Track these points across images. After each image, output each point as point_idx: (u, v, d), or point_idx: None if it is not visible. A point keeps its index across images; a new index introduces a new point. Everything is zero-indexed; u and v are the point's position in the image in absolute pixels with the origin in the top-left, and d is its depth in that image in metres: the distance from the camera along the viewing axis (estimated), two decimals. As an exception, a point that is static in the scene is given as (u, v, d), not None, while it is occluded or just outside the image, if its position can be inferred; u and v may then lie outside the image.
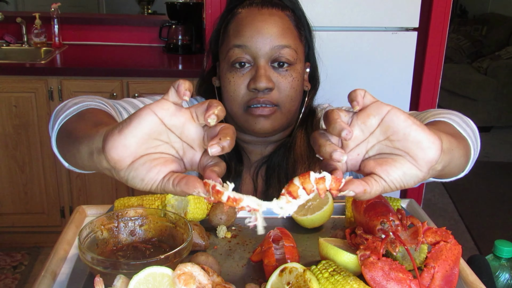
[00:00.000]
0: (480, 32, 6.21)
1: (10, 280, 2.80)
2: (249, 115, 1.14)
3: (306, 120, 1.27)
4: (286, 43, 1.12)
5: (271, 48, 1.11)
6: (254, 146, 1.26)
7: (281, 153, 1.23)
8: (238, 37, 1.13)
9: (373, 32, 2.61)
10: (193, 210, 0.99)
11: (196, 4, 3.33)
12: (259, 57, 1.12)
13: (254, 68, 1.12)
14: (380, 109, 0.64)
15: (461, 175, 0.84)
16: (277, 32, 1.12)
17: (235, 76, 1.14)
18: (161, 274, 0.72)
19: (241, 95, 1.14)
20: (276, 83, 1.13)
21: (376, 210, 0.84)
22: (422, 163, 0.63)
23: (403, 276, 0.74)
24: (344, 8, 2.54)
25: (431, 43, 2.78)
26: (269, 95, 1.12)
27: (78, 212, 1.09)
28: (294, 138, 1.23)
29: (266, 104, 1.12)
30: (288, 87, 1.13)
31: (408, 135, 0.63)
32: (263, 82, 1.10)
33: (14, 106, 2.82)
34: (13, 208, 3.01)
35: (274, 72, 1.13)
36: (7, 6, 5.66)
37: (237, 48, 1.13)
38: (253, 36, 1.11)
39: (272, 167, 1.23)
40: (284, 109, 1.15)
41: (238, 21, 1.15)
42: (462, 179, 0.88)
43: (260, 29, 1.12)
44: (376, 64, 2.65)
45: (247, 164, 1.27)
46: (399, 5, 2.56)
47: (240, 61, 1.12)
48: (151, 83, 2.87)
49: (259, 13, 1.14)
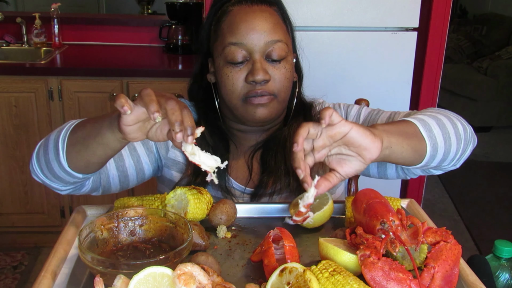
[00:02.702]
0: (480, 32, 6.21)
1: (10, 280, 2.80)
2: (249, 105, 1.20)
3: (302, 112, 1.33)
4: (278, 38, 1.19)
5: (265, 43, 1.18)
6: (249, 134, 1.31)
7: (277, 140, 1.29)
8: (233, 34, 1.18)
9: (373, 32, 2.62)
10: (193, 210, 0.99)
11: (196, 4, 3.33)
12: (255, 52, 1.18)
13: (250, 62, 1.19)
14: (344, 127, 0.87)
15: (419, 165, 1.05)
16: (269, 27, 1.18)
17: (232, 71, 1.19)
18: (161, 274, 0.72)
19: (240, 88, 1.19)
20: (272, 75, 1.19)
21: (376, 210, 0.84)
22: (367, 160, 0.90)
23: (403, 276, 0.74)
24: (344, 8, 2.54)
25: (431, 43, 2.78)
26: (266, 86, 1.18)
27: (78, 212, 1.09)
28: (290, 128, 1.29)
29: (263, 94, 1.18)
30: (282, 78, 1.20)
31: (360, 144, 0.88)
32: (261, 75, 1.16)
33: (14, 106, 2.82)
34: (13, 208, 3.01)
35: (269, 65, 1.19)
36: (7, 6, 5.65)
37: (233, 46, 1.18)
38: (247, 33, 1.17)
39: (268, 152, 1.29)
40: (280, 98, 1.22)
41: (231, 19, 1.20)
42: (462, 179, 0.90)
43: (253, 26, 1.18)
44: (376, 64, 2.65)
45: (241, 151, 1.32)
46: (399, 5, 2.56)
47: (236, 60, 1.18)
48: (151, 83, 2.87)
49: (251, 10, 1.20)
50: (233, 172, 1.30)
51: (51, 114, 2.86)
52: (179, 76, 2.93)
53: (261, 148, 1.31)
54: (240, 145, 1.32)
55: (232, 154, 1.31)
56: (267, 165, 1.27)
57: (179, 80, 2.90)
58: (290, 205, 1.08)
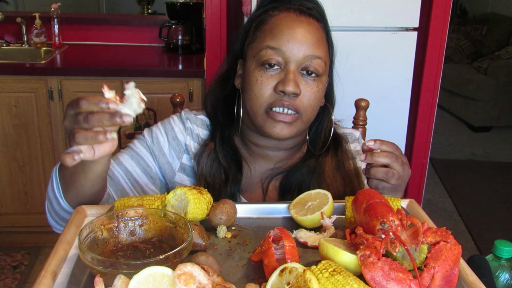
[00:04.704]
0: (480, 32, 6.21)
1: (10, 280, 2.80)
2: (270, 118, 1.14)
3: (333, 144, 1.28)
4: (319, 54, 1.14)
5: (304, 56, 1.13)
6: (267, 151, 1.26)
7: (304, 172, 1.23)
8: (274, 39, 1.13)
9: (373, 32, 2.61)
10: (193, 210, 0.99)
11: (196, 4, 3.33)
12: (291, 62, 1.12)
13: (283, 72, 1.13)
14: None
15: None
16: (313, 41, 1.13)
17: (263, 76, 1.14)
18: (161, 274, 0.72)
19: (266, 95, 1.14)
20: (302, 91, 1.13)
21: (376, 210, 0.84)
22: None
23: (403, 276, 0.74)
24: (344, 8, 2.54)
25: (431, 43, 2.78)
26: (294, 101, 1.13)
27: (78, 212, 1.09)
28: (322, 163, 1.24)
29: (289, 109, 1.13)
30: (312, 97, 1.15)
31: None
32: (291, 86, 1.11)
33: (14, 106, 2.82)
34: (13, 208, 3.01)
35: (302, 79, 1.14)
36: (7, 6, 5.66)
37: (270, 49, 1.13)
38: (289, 40, 1.12)
39: (292, 182, 1.23)
40: (305, 118, 1.17)
41: (275, 23, 1.15)
42: (462, 179, 0.90)
43: (297, 35, 1.12)
44: (376, 64, 2.65)
45: (256, 171, 1.27)
46: (399, 5, 2.56)
47: (271, 62, 1.13)
48: (151, 83, 2.87)
49: (298, 19, 1.15)
50: (246, 193, 1.26)
51: (51, 114, 2.86)
52: (179, 76, 2.93)
53: (281, 174, 1.26)
54: (255, 163, 1.27)
55: (246, 174, 1.26)
56: (286, 195, 1.22)
57: (179, 80, 2.90)
58: (290, 205, 1.08)
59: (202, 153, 1.24)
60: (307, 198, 1.08)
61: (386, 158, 1.06)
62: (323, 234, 0.98)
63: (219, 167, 1.23)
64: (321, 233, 0.99)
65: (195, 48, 3.35)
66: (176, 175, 1.26)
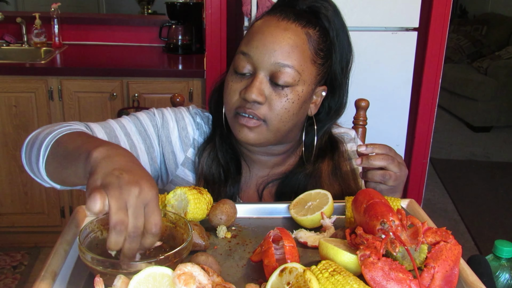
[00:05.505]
0: (480, 32, 6.21)
1: (10, 280, 2.80)
2: (236, 122, 1.13)
3: (329, 150, 1.26)
4: (289, 62, 1.08)
5: (271, 64, 1.08)
6: (256, 155, 1.24)
7: (300, 177, 1.22)
8: (246, 44, 1.12)
9: (373, 32, 2.61)
10: (193, 210, 0.99)
11: (196, 4, 3.33)
12: (259, 69, 1.09)
13: (252, 78, 1.10)
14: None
15: None
16: (283, 49, 1.08)
17: (234, 80, 1.13)
18: (161, 274, 0.72)
19: (234, 100, 1.12)
20: (268, 99, 1.10)
21: (376, 210, 0.84)
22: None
23: (403, 276, 0.74)
24: (344, 8, 2.52)
25: (431, 43, 2.78)
26: (257, 109, 1.10)
27: (78, 212, 1.09)
28: (319, 168, 1.22)
29: (252, 116, 1.11)
30: (279, 106, 1.10)
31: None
32: (253, 94, 1.08)
33: (14, 106, 2.82)
34: (13, 208, 3.01)
35: (270, 87, 1.10)
36: (7, 6, 5.66)
37: (242, 55, 1.11)
38: (258, 47, 1.09)
39: (287, 187, 1.22)
40: (272, 127, 1.12)
41: (253, 28, 1.13)
42: (462, 179, 0.90)
43: (266, 43, 1.08)
44: (376, 64, 2.65)
45: (253, 174, 1.26)
46: (399, 5, 2.56)
47: (240, 71, 1.11)
48: (151, 83, 2.87)
49: (275, 25, 1.10)
50: (244, 195, 1.25)
51: (51, 114, 2.86)
52: (179, 76, 2.93)
53: (277, 181, 1.24)
54: (252, 167, 1.26)
55: (244, 177, 1.25)
56: (281, 199, 1.21)
57: (179, 80, 2.90)
58: (290, 205, 1.08)
59: (203, 150, 1.23)
60: (307, 198, 1.08)
61: (382, 161, 1.06)
62: (323, 234, 0.98)
63: (218, 166, 1.22)
64: (321, 233, 0.99)
65: (195, 48, 3.35)
66: (179, 168, 1.23)
